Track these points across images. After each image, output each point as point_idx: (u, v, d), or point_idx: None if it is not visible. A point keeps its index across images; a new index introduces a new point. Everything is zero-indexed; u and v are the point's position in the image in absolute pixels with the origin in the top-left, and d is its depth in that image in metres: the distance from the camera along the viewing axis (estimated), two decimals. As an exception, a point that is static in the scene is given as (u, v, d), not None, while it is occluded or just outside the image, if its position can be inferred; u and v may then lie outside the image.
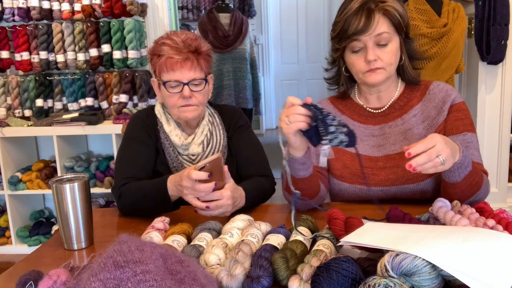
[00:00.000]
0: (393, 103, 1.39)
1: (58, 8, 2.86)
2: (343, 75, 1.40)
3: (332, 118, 1.06)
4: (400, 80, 1.41)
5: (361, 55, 1.29)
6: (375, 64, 1.28)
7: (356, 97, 1.44)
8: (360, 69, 1.31)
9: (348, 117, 1.43)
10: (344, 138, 1.06)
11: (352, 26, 1.25)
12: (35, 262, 1.10)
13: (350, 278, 0.78)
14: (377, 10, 1.25)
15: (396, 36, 1.30)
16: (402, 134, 1.35)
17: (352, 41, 1.27)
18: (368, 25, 1.24)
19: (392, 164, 1.34)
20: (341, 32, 1.28)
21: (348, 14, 1.26)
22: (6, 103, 3.10)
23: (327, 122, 1.05)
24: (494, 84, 2.97)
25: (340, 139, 1.06)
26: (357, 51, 1.29)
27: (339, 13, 1.30)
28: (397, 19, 1.28)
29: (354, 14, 1.25)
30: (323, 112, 1.06)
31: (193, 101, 1.41)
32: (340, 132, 1.06)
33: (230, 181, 1.24)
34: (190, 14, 5.46)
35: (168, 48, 1.37)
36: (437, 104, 1.35)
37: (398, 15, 1.27)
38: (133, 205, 1.33)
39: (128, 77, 2.95)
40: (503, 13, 2.73)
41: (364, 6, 1.25)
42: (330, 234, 1.01)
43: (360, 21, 1.24)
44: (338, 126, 1.06)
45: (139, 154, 1.46)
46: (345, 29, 1.27)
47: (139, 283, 0.66)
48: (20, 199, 3.14)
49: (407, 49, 1.35)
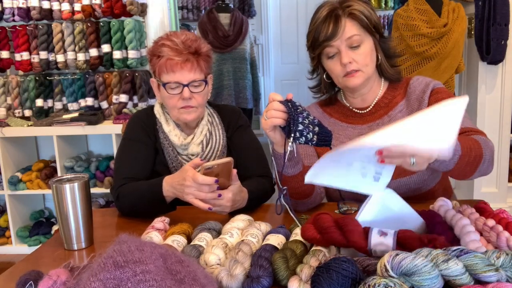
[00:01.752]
0: (378, 101, 1.42)
1: (58, 8, 2.86)
2: (324, 82, 1.43)
3: (305, 117, 1.07)
4: (383, 79, 1.44)
5: (337, 60, 1.32)
6: (351, 67, 1.30)
7: (343, 100, 1.47)
8: (338, 74, 1.34)
9: (337, 119, 1.45)
10: (313, 137, 1.08)
11: (322, 33, 1.30)
12: (35, 262, 1.10)
13: (350, 278, 0.78)
14: (343, 15, 1.30)
15: (368, 37, 1.33)
16: None
17: (324, 48, 1.31)
18: (336, 30, 1.28)
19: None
20: (314, 41, 1.33)
21: (318, 23, 1.31)
22: (6, 103, 3.10)
23: (297, 120, 1.06)
24: (494, 84, 2.97)
25: (307, 138, 1.07)
26: (332, 56, 1.33)
27: (311, 23, 1.35)
28: (364, 21, 1.31)
29: (323, 21, 1.30)
30: (297, 109, 1.08)
31: (192, 102, 1.41)
32: (308, 131, 1.07)
33: (237, 184, 1.24)
34: (190, 14, 5.46)
35: (168, 49, 1.37)
36: (418, 96, 1.38)
37: (365, 17, 1.31)
38: (130, 206, 1.33)
39: (128, 77, 2.95)
40: (503, 13, 2.73)
41: (332, 13, 1.30)
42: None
43: (328, 27, 1.29)
44: (308, 125, 1.07)
45: (138, 154, 1.46)
46: (316, 37, 1.32)
47: (139, 283, 0.66)
48: (20, 199, 3.14)
49: (383, 48, 1.38)
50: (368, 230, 0.90)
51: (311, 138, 1.08)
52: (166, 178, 1.28)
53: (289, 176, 1.22)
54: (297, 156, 1.20)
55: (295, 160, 1.20)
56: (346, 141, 1.39)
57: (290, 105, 1.08)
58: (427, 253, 0.78)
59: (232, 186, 1.23)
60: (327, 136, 1.09)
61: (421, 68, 2.74)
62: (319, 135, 1.08)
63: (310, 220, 1.00)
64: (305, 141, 1.08)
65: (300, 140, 1.08)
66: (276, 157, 1.20)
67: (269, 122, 1.10)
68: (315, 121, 1.09)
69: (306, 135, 1.07)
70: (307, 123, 1.07)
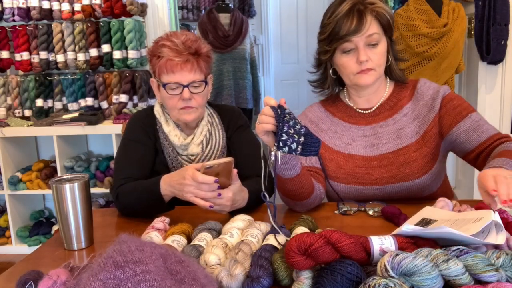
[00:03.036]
0: (383, 103, 1.41)
1: (58, 8, 2.86)
2: (330, 78, 1.42)
3: (291, 126, 1.06)
4: (389, 80, 1.43)
5: (352, 56, 1.30)
6: (367, 65, 1.29)
7: (346, 99, 1.46)
8: (351, 70, 1.32)
9: (340, 119, 1.45)
10: (297, 147, 1.07)
11: (344, 27, 1.27)
12: (35, 262, 1.09)
13: (354, 282, 0.78)
14: (368, 12, 1.28)
15: (384, 37, 1.32)
16: (395, 133, 1.37)
17: (343, 42, 1.29)
18: (360, 26, 1.26)
19: (386, 162, 1.35)
20: (332, 34, 1.30)
21: (339, 16, 1.28)
22: (6, 103, 3.10)
23: (282, 129, 1.06)
24: (494, 84, 2.97)
25: (291, 148, 1.06)
26: (348, 51, 1.30)
27: (328, 16, 1.32)
28: (387, 20, 1.31)
29: (345, 15, 1.27)
30: (284, 118, 1.06)
31: (192, 103, 1.41)
32: (292, 141, 1.06)
33: (237, 183, 1.24)
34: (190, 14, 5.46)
35: (168, 50, 1.37)
36: (426, 102, 1.37)
37: (388, 16, 1.31)
38: (129, 205, 1.33)
39: (128, 77, 2.95)
40: (503, 13, 2.73)
41: (354, 8, 1.27)
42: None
43: (352, 22, 1.26)
44: (293, 135, 1.06)
45: (138, 155, 1.46)
46: (336, 31, 1.28)
47: (139, 283, 0.66)
48: (20, 199, 3.14)
49: (392, 50, 1.38)
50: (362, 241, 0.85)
51: (294, 148, 1.07)
52: (164, 177, 1.28)
53: (286, 179, 1.21)
54: (294, 159, 1.19)
55: (291, 163, 1.19)
56: (349, 141, 1.40)
57: (279, 111, 1.07)
58: (427, 253, 0.78)
59: (233, 186, 1.22)
60: (314, 146, 1.08)
61: (421, 68, 2.74)
62: (304, 145, 1.07)
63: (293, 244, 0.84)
64: (289, 151, 1.07)
65: (284, 150, 1.06)
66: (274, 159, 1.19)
67: (260, 127, 1.09)
68: (302, 131, 1.07)
69: (290, 145, 1.06)
70: (292, 132, 1.06)
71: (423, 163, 1.33)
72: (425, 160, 1.33)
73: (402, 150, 1.35)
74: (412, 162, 1.33)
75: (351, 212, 1.26)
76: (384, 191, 1.35)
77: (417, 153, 1.33)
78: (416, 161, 1.33)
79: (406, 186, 1.33)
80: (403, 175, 1.33)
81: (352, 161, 1.38)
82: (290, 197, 1.26)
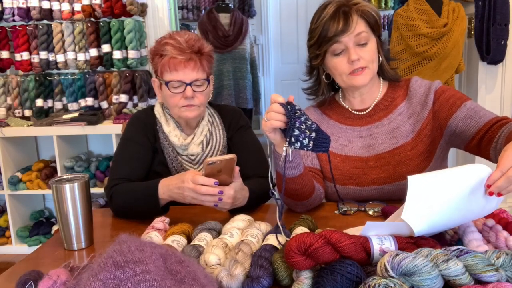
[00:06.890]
0: (378, 103, 1.41)
1: (58, 8, 2.86)
2: (324, 83, 1.42)
3: (302, 121, 1.06)
4: (382, 80, 1.43)
5: (343, 57, 1.31)
6: (358, 64, 1.29)
7: (341, 101, 1.47)
8: (343, 71, 1.32)
9: (336, 121, 1.45)
10: (308, 143, 1.07)
11: (331, 29, 1.28)
12: (35, 262, 1.10)
13: (354, 282, 0.78)
14: (353, 11, 1.28)
15: (373, 36, 1.33)
16: (390, 133, 1.37)
17: (333, 44, 1.29)
18: (347, 26, 1.27)
19: (382, 162, 1.36)
20: (321, 37, 1.30)
21: (326, 19, 1.29)
22: (6, 103, 3.10)
23: (294, 125, 1.06)
24: (494, 84, 2.97)
25: (302, 143, 1.06)
26: (338, 53, 1.31)
27: (315, 21, 1.32)
28: (374, 19, 1.31)
29: (331, 18, 1.28)
30: (295, 113, 1.07)
31: (195, 101, 1.41)
32: (304, 136, 1.06)
33: (238, 181, 1.24)
34: (190, 14, 5.46)
35: (171, 48, 1.37)
36: (420, 99, 1.37)
37: (375, 15, 1.31)
38: (124, 206, 1.33)
39: (128, 77, 2.95)
40: (503, 13, 2.73)
41: (340, 10, 1.28)
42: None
43: (339, 23, 1.27)
44: (305, 130, 1.06)
45: (135, 155, 1.46)
46: (324, 34, 1.29)
47: (139, 283, 0.66)
48: (20, 199, 3.14)
49: (383, 50, 1.38)
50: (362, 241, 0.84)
51: (306, 144, 1.07)
52: (162, 181, 1.27)
53: (289, 178, 1.21)
54: (298, 158, 1.20)
55: (295, 162, 1.19)
56: (345, 143, 1.40)
57: (289, 108, 1.08)
58: (427, 253, 0.78)
59: (234, 183, 1.22)
60: (324, 142, 1.08)
61: (421, 68, 2.74)
62: (316, 141, 1.07)
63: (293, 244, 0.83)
64: (300, 146, 1.07)
65: (296, 145, 1.07)
66: (277, 157, 1.20)
67: (269, 124, 1.09)
68: (313, 127, 1.08)
69: (302, 141, 1.06)
70: (303, 128, 1.06)
71: (419, 161, 1.33)
72: (421, 158, 1.33)
73: (397, 149, 1.35)
74: (408, 161, 1.33)
75: (351, 212, 1.27)
76: (381, 191, 1.35)
77: (413, 151, 1.33)
78: (412, 159, 1.33)
79: (403, 186, 1.33)
80: (400, 174, 1.33)
81: (348, 162, 1.38)
82: (292, 196, 1.26)
